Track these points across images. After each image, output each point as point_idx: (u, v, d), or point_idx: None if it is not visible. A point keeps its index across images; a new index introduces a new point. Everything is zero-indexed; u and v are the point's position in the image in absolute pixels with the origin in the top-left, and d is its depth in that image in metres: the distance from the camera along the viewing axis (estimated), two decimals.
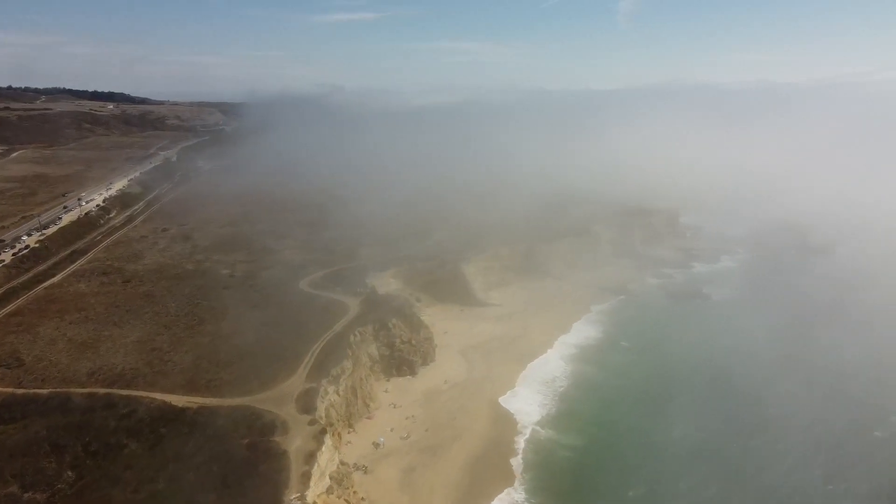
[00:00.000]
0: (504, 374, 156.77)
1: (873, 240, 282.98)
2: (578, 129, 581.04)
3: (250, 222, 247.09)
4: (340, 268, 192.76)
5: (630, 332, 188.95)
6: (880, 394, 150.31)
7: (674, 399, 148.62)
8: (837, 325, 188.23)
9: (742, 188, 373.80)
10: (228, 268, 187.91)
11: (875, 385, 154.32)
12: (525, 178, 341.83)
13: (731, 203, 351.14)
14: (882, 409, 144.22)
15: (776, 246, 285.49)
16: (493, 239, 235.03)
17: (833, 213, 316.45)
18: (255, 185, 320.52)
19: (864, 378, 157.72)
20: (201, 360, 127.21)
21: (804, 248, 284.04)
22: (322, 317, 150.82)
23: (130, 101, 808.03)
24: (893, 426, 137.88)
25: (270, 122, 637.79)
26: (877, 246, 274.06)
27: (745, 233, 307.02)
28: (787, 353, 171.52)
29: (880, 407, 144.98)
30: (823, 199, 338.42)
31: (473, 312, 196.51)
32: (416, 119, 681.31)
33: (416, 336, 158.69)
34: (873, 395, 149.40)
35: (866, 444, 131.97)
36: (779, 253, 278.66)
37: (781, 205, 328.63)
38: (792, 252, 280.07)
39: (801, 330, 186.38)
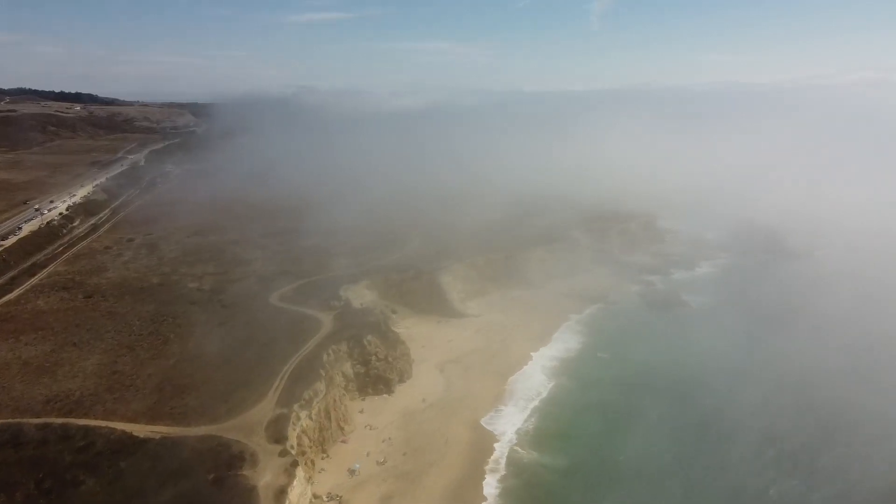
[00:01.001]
0: (484, 391, 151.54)
1: (849, 243, 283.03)
2: (553, 131, 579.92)
3: (220, 231, 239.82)
4: (313, 279, 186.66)
5: (611, 343, 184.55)
6: (860, 402, 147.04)
7: (656, 414, 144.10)
8: (818, 333, 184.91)
9: (715, 191, 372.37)
10: (196, 281, 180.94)
11: (855, 393, 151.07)
12: (500, 182, 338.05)
13: (706, 206, 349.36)
14: (861, 418, 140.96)
15: (754, 250, 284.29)
16: (470, 247, 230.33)
17: (807, 215, 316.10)
18: (226, 191, 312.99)
19: (843, 387, 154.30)
20: (165, 384, 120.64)
21: (782, 253, 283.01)
22: (294, 334, 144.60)
23: (98, 102, 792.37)
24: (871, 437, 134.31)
25: (242, 124, 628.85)
26: (853, 249, 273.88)
27: (723, 237, 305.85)
28: (768, 365, 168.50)
29: (860, 415, 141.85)
30: (796, 202, 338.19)
31: (451, 324, 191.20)
32: (390, 122, 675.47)
33: (393, 352, 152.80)
34: (853, 404, 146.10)
35: (844, 455, 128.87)
36: (757, 257, 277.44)
37: (755, 207, 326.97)
38: (770, 256, 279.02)
39: (782, 339, 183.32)
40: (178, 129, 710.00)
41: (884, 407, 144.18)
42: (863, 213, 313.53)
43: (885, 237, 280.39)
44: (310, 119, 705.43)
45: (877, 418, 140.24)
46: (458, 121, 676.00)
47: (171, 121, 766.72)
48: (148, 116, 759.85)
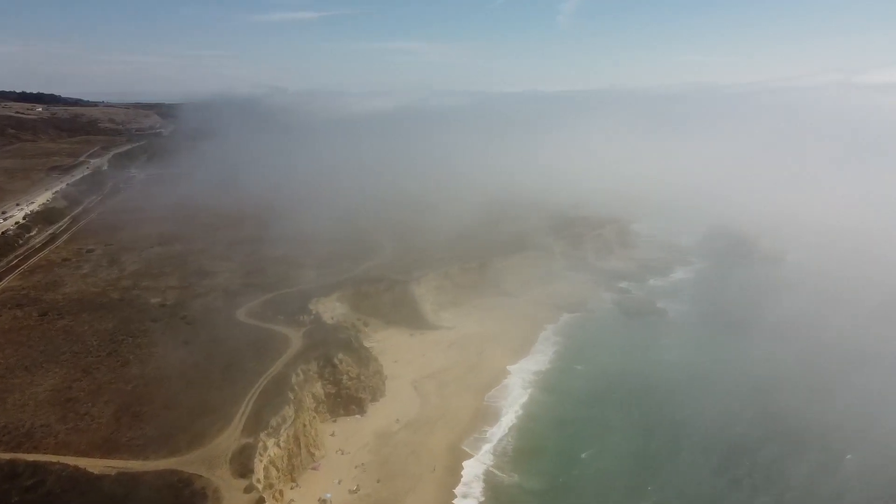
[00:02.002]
0: (460, 409, 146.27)
1: (820, 246, 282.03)
2: (525, 134, 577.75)
3: (184, 240, 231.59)
4: (281, 292, 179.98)
5: (588, 355, 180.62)
6: (832, 413, 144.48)
7: (635, 430, 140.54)
8: (794, 342, 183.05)
9: (687, 195, 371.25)
10: (158, 295, 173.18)
11: (828, 404, 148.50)
12: (472, 187, 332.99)
13: (678, 210, 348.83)
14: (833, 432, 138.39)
15: (728, 255, 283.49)
16: (443, 255, 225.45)
17: (778, 218, 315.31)
18: (191, 197, 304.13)
19: (819, 398, 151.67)
20: (123, 412, 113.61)
21: (755, 257, 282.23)
22: (261, 353, 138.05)
23: (62, 103, 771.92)
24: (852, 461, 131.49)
25: (209, 126, 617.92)
26: (824, 253, 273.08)
27: (696, 241, 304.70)
28: (744, 375, 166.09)
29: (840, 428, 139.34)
30: (766, 205, 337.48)
31: (425, 337, 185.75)
32: (362, 124, 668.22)
33: (365, 370, 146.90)
34: (834, 418, 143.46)
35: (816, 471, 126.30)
36: (730, 262, 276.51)
37: (727, 211, 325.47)
38: (743, 261, 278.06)
39: (758, 349, 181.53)
40: (144, 131, 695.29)
41: (855, 419, 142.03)
42: (832, 216, 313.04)
43: (855, 239, 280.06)
44: (280, 121, 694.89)
45: (849, 432, 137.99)
46: (430, 123, 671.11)
47: (136, 122, 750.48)
48: (113, 118, 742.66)
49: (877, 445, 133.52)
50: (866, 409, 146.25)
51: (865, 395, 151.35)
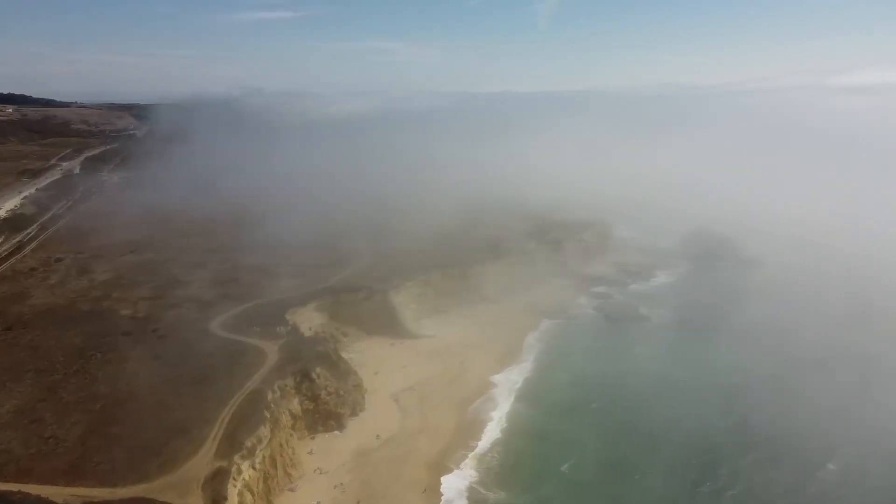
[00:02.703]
0: (442, 423, 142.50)
1: (797, 248, 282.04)
2: (503, 136, 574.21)
3: (157, 248, 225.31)
4: (257, 303, 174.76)
5: (572, 363, 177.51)
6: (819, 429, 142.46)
7: (622, 443, 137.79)
8: (774, 345, 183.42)
9: (665, 197, 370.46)
10: (130, 307, 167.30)
11: (813, 415, 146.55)
12: (451, 190, 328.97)
13: (657, 213, 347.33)
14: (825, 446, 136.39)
15: (708, 258, 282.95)
16: (423, 261, 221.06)
17: (755, 221, 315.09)
18: (165, 202, 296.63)
19: (802, 407, 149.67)
20: (91, 434, 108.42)
21: (735, 260, 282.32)
22: (235, 369, 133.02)
23: (33, 104, 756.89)
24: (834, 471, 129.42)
25: (184, 127, 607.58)
26: (802, 255, 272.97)
27: (676, 244, 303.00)
28: (727, 381, 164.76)
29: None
30: (744, 207, 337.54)
31: (406, 346, 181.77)
32: (338, 125, 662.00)
33: (344, 384, 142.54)
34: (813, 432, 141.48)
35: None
36: (711, 265, 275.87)
37: (706, 213, 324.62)
38: (724, 264, 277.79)
39: (743, 356, 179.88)
40: (118, 132, 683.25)
41: (834, 428, 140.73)
42: (807, 218, 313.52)
43: (830, 241, 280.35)
44: (256, 122, 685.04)
45: (828, 441, 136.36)
46: (407, 125, 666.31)
47: (110, 124, 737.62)
48: (85, 119, 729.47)
49: (854, 455, 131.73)
50: (844, 416, 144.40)
51: (843, 402, 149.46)
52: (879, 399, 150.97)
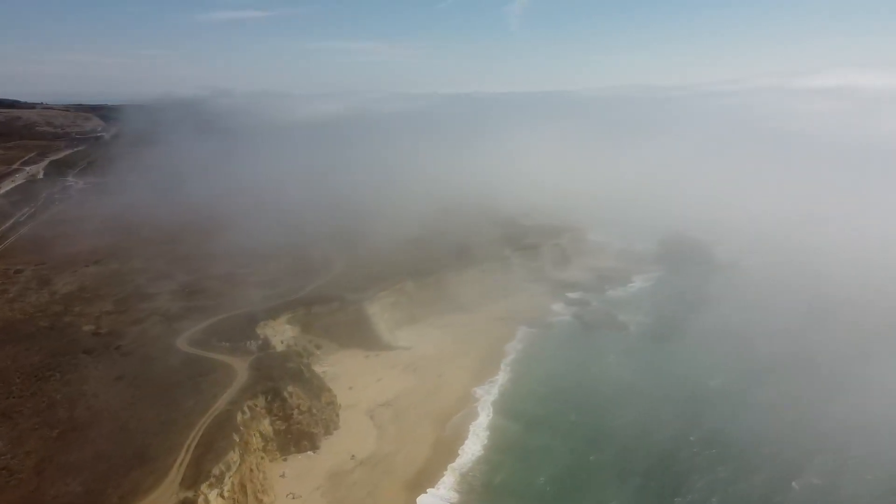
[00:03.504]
0: (419, 441, 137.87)
1: (769, 251, 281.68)
2: (473, 138, 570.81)
3: (122, 258, 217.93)
4: (226, 315, 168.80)
5: (550, 374, 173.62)
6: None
7: (597, 452, 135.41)
8: (751, 352, 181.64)
9: (638, 200, 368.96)
10: (92, 322, 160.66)
11: (787, 425, 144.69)
12: (424, 194, 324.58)
13: (630, 216, 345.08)
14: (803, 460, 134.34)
15: (683, 262, 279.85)
16: (397, 269, 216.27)
17: (727, 222, 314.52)
18: (131, 208, 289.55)
19: (777, 417, 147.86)
20: (47, 463, 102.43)
21: (710, 264, 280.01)
22: (203, 389, 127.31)
23: None
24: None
25: (153, 129, 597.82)
26: (774, 258, 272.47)
27: (652, 248, 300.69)
28: (703, 391, 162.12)
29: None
30: (715, 209, 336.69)
31: (381, 359, 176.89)
32: (309, 129, 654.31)
33: (317, 402, 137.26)
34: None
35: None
36: (687, 269, 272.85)
37: (679, 217, 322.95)
38: (699, 268, 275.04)
39: (716, 362, 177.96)
40: (85, 135, 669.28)
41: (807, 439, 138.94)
42: (775, 219, 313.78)
43: (800, 243, 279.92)
44: (226, 124, 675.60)
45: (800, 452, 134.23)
46: (379, 127, 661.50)
47: (76, 126, 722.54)
48: (51, 121, 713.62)
49: (825, 467, 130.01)
50: (816, 427, 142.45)
51: (815, 412, 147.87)
52: (849, 404, 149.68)
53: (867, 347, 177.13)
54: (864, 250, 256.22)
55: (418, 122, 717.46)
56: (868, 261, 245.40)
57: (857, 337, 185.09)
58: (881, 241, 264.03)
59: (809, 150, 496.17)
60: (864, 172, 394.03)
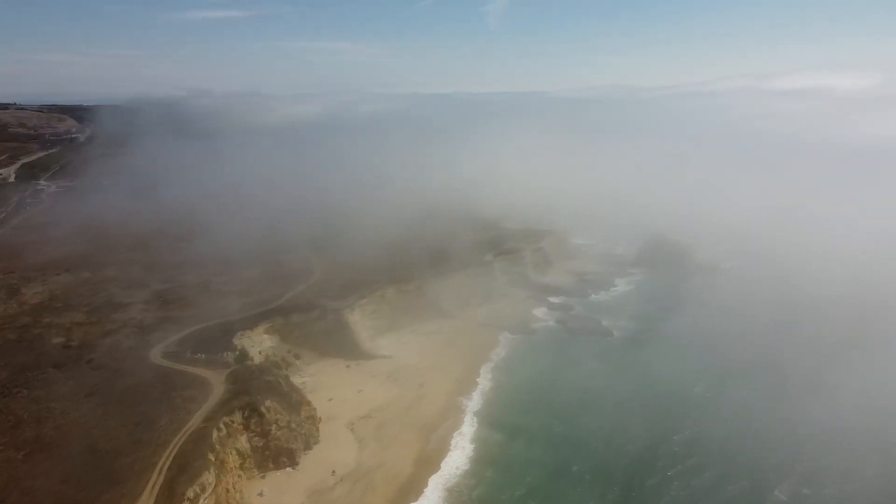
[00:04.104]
0: (402, 455, 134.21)
1: (752, 254, 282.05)
2: (452, 139, 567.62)
3: (95, 266, 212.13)
4: (202, 326, 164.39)
5: (535, 383, 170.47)
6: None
7: (585, 469, 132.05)
8: (733, 358, 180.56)
9: (615, 202, 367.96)
10: (62, 334, 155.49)
11: (766, 434, 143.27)
12: (403, 198, 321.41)
13: (610, 218, 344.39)
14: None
15: (665, 264, 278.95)
16: (377, 275, 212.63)
17: (707, 224, 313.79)
18: (106, 213, 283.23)
19: (758, 426, 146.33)
20: (12, 488, 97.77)
21: (691, 266, 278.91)
22: (177, 405, 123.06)
23: None
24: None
25: (129, 131, 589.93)
26: (755, 259, 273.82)
27: (633, 251, 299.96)
28: (686, 399, 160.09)
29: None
30: (695, 211, 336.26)
31: (361, 368, 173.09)
32: (286, 130, 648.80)
33: (296, 416, 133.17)
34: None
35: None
36: (669, 273, 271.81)
37: (659, 219, 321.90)
38: (681, 271, 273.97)
39: (699, 369, 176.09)
40: (58, 136, 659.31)
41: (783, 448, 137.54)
42: (752, 221, 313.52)
43: (777, 245, 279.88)
44: (203, 126, 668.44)
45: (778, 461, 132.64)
46: (357, 128, 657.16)
47: (49, 127, 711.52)
48: (24, 122, 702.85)
49: (802, 478, 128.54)
50: (793, 436, 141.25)
51: (792, 420, 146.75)
52: (828, 408, 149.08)
53: (845, 351, 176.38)
54: (841, 250, 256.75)
55: (398, 123, 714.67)
56: (848, 260, 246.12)
57: (836, 340, 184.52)
58: (859, 240, 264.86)
59: (784, 152, 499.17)
60: (838, 174, 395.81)
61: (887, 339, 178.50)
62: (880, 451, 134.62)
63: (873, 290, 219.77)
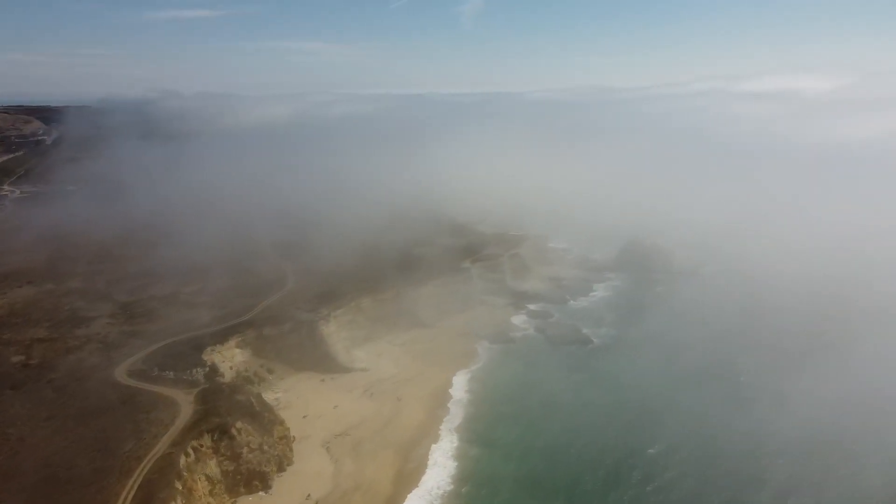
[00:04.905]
0: (379, 477, 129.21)
1: (728, 256, 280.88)
2: (425, 141, 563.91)
3: (59, 277, 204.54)
4: (170, 341, 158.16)
5: (515, 395, 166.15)
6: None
7: (563, 481, 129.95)
8: (714, 364, 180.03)
9: (589, 205, 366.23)
10: (22, 352, 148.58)
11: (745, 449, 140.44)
12: (377, 202, 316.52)
13: (587, 222, 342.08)
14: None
15: (642, 269, 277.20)
16: (352, 284, 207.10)
17: (686, 227, 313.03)
18: (71, 220, 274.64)
19: (737, 441, 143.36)
20: None
21: (669, 271, 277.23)
22: (142, 429, 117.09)
23: None
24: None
25: (98, 133, 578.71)
26: (733, 263, 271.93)
27: (610, 256, 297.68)
28: (669, 411, 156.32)
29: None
30: (672, 214, 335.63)
31: (337, 382, 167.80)
32: (258, 132, 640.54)
33: (269, 437, 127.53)
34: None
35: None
36: (648, 277, 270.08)
37: (637, 222, 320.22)
38: (659, 276, 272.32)
39: (681, 377, 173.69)
40: (24, 138, 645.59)
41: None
42: (729, 224, 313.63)
43: (752, 248, 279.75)
44: (173, 128, 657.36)
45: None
46: (329, 130, 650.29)
47: (15, 129, 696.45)
48: None
49: (788, 483, 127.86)
50: (769, 447, 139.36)
51: (770, 431, 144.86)
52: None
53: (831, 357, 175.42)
54: (815, 252, 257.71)
55: (370, 124, 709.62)
56: (821, 261, 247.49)
57: (814, 347, 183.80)
58: (827, 241, 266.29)
59: (752, 155, 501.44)
60: (805, 177, 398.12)
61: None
62: (854, 460, 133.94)
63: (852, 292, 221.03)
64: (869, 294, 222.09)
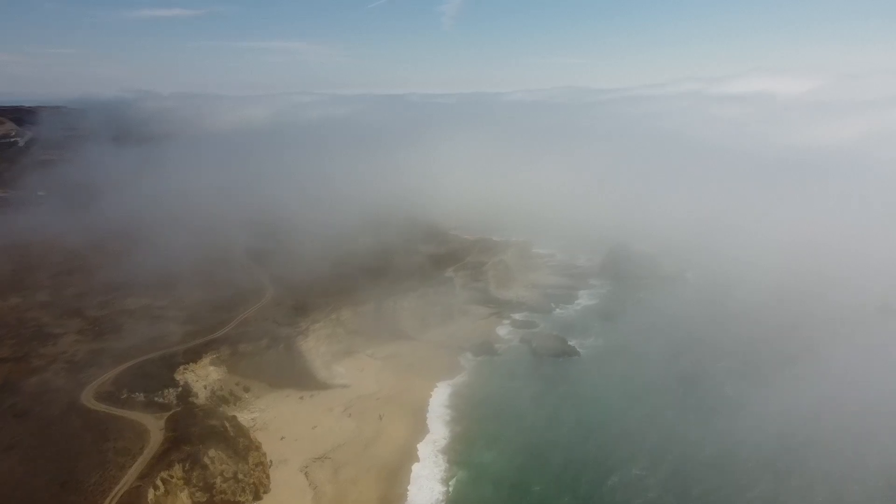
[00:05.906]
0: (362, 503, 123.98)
1: (711, 260, 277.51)
2: (404, 144, 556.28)
3: (24, 289, 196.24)
4: (141, 359, 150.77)
5: (502, 412, 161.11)
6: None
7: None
8: (701, 375, 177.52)
9: (570, 209, 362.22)
10: None
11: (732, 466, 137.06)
12: (356, 208, 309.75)
13: (567, 227, 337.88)
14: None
15: (627, 275, 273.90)
16: (331, 295, 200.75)
17: (669, 233, 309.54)
18: (41, 228, 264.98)
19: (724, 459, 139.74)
20: None
21: (654, 277, 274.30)
22: (109, 458, 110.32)
23: None
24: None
25: (72, 135, 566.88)
26: (717, 268, 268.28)
27: (594, 261, 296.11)
28: (656, 426, 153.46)
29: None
30: (654, 219, 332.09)
31: (316, 400, 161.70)
32: (236, 134, 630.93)
33: (244, 465, 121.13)
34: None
35: None
36: (633, 284, 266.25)
37: (618, 227, 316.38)
38: (643, 282, 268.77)
39: (669, 389, 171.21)
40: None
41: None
42: (714, 227, 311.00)
43: (733, 252, 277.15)
44: (149, 130, 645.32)
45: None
46: (309, 133, 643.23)
47: None
48: None
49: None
50: (756, 459, 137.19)
51: (759, 443, 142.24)
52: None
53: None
54: (787, 255, 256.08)
55: (349, 127, 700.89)
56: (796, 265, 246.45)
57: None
58: (802, 246, 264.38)
59: (726, 158, 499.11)
60: (778, 180, 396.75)
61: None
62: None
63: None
64: (849, 294, 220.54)
